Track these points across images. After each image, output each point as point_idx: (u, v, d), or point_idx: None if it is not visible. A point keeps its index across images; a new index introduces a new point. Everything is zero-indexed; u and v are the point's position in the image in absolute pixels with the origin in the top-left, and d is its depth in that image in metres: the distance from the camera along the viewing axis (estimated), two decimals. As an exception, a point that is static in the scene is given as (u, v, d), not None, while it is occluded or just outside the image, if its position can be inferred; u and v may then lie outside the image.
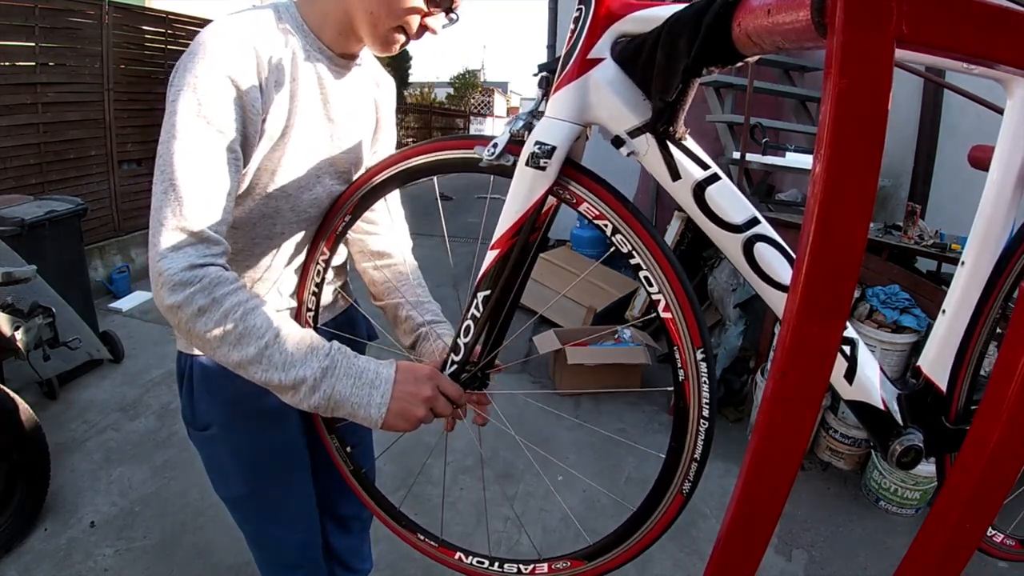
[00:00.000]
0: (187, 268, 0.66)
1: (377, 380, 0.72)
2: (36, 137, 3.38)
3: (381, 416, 0.71)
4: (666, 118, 0.59)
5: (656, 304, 0.67)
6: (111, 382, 2.79)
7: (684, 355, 0.66)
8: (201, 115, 0.70)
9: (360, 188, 0.88)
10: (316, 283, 0.94)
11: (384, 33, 0.79)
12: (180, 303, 0.66)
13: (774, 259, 0.61)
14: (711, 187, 0.61)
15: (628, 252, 0.67)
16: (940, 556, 0.49)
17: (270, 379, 0.69)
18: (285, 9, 0.81)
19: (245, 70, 0.73)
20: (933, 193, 3.04)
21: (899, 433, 0.64)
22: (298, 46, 0.80)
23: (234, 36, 0.73)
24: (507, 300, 0.78)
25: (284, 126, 0.80)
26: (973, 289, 0.67)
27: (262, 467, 0.97)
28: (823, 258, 0.38)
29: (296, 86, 0.80)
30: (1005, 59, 0.38)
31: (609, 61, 0.62)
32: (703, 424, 0.67)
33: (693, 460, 0.68)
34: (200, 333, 0.68)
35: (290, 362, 0.69)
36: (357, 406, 0.71)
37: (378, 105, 0.98)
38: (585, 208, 0.69)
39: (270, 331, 0.69)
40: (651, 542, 0.75)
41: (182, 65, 0.72)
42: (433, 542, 0.94)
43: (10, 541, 1.75)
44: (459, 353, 0.78)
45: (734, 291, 2.83)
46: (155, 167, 0.71)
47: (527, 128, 0.68)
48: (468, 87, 25.19)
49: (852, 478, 2.30)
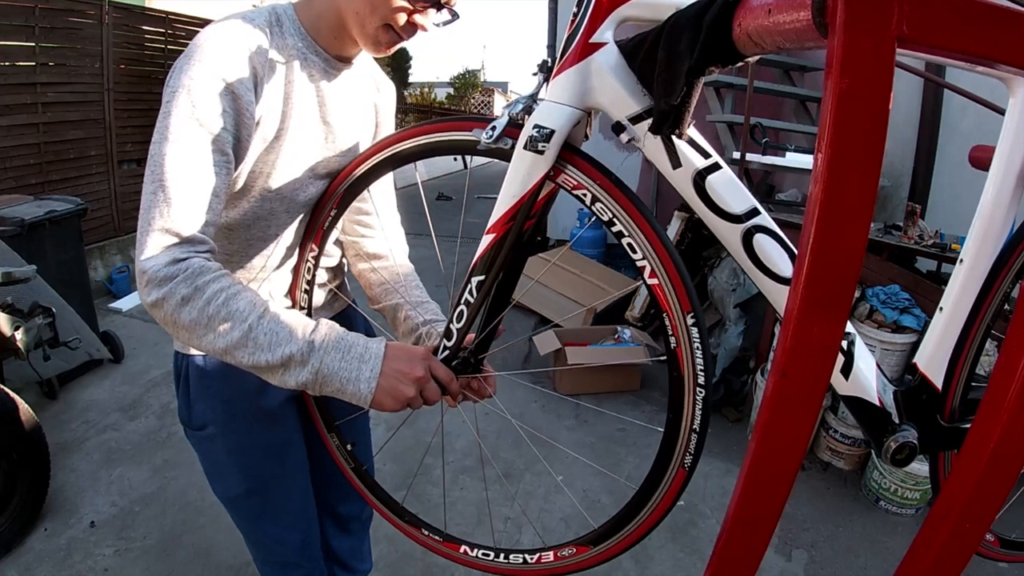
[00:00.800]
0: (169, 263, 0.67)
1: (367, 354, 0.71)
2: (36, 137, 3.38)
3: (371, 391, 0.70)
4: (672, 121, 0.58)
5: (642, 271, 0.65)
6: (111, 382, 2.79)
7: (674, 321, 0.64)
8: (194, 117, 0.70)
9: (345, 179, 0.87)
10: (307, 280, 0.94)
11: (373, 32, 0.79)
12: (163, 296, 0.66)
13: (774, 251, 0.60)
14: (711, 176, 0.61)
15: (609, 220, 0.66)
16: (940, 556, 0.49)
17: (257, 361, 0.68)
18: (283, 11, 0.81)
19: (240, 73, 0.73)
20: (933, 193, 3.04)
21: (894, 430, 0.64)
22: (294, 49, 0.81)
23: (230, 39, 0.74)
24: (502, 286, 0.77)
25: (278, 128, 0.80)
26: (971, 287, 0.67)
27: (259, 466, 0.97)
28: (824, 258, 0.38)
29: (291, 88, 0.81)
30: (1006, 59, 0.38)
31: (612, 46, 0.61)
32: (699, 393, 0.65)
33: (692, 431, 0.66)
34: (185, 323, 0.67)
35: (276, 341, 0.68)
36: (346, 380, 0.70)
37: (378, 108, 0.98)
38: (563, 179, 0.68)
39: (253, 313, 0.68)
40: (656, 522, 0.73)
41: (178, 67, 0.72)
42: (438, 537, 0.93)
43: (10, 541, 1.75)
44: (451, 339, 0.78)
45: (734, 291, 2.82)
46: (146, 166, 0.71)
47: (526, 111, 0.68)
48: (468, 87, 25.17)
49: (852, 478, 2.30)
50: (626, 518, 0.75)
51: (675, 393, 0.67)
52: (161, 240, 0.68)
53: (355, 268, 1.09)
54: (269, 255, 0.90)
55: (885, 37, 0.34)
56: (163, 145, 0.69)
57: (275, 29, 0.79)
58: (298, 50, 0.81)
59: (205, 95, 0.71)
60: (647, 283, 0.65)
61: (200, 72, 0.71)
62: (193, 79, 0.70)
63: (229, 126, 0.73)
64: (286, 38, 0.80)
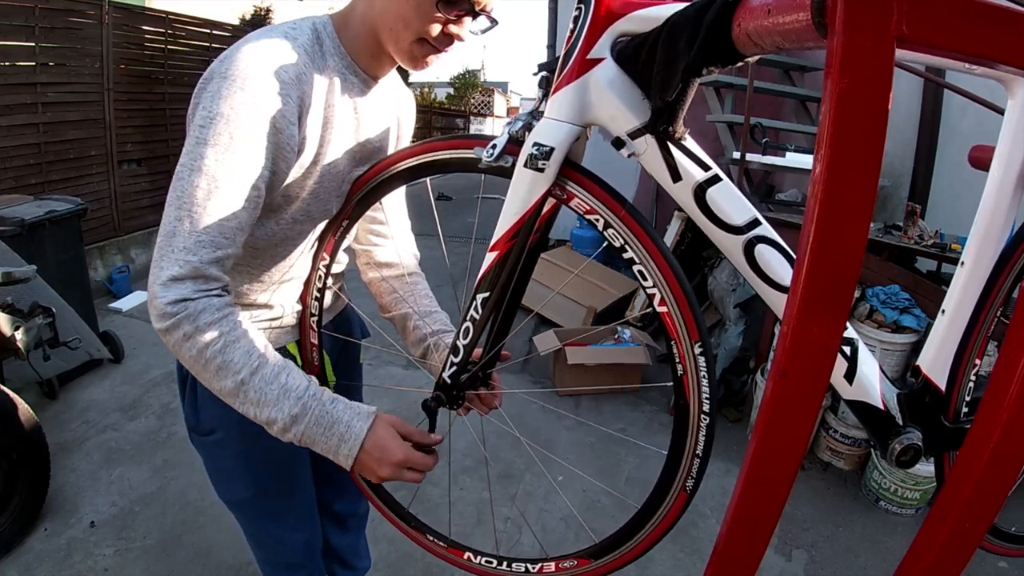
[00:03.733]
0: (176, 300, 0.68)
1: (348, 435, 0.73)
2: (36, 137, 3.38)
3: (349, 466, 0.74)
4: (665, 117, 0.58)
5: (652, 299, 0.66)
6: (111, 382, 2.79)
7: (682, 350, 0.65)
8: (232, 149, 0.68)
9: (358, 192, 0.88)
10: (319, 288, 0.95)
11: (408, 48, 0.76)
12: (167, 328, 0.69)
13: (775, 260, 0.61)
14: (712, 188, 0.61)
15: (621, 247, 0.67)
16: (940, 556, 0.49)
17: (246, 412, 0.72)
18: (323, 28, 0.78)
19: (285, 105, 0.71)
20: (933, 193, 3.04)
21: (898, 432, 0.64)
22: (335, 71, 0.79)
23: (276, 65, 0.70)
24: (506, 302, 0.77)
25: (316, 153, 0.79)
26: (973, 289, 0.67)
27: (266, 469, 0.97)
28: (823, 258, 0.38)
29: (331, 112, 0.79)
30: (1006, 59, 0.37)
31: (609, 61, 0.62)
32: (704, 420, 0.66)
33: (695, 456, 0.68)
34: (186, 358, 0.71)
35: (264, 401, 0.71)
36: (326, 451, 0.74)
37: (400, 121, 0.97)
38: (576, 203, 0.69)
39: (246, 368, 0.70)
40: (655, 541, 0.74)
41: (216, 88, 0.68)
42: (442, 543, 0.94)
43: (10, 541, 1.75)
44: (458, 355, 0.78)
45: (734, 291, 2.83)
46: (172, 187, 0.69)
47: (526, 129, 0.68)
48: (468, 87, 25.19)
49: (852, 478, 2.30)
50: (627, 535, 0.77)
51: (680, 420, 0.68)
52: (177, 272, 0.68)
53: (366, 276, 1.09)
54: (288, 268, 0.91)
55: (884, 37, 0.34)
56: (196, 176, 0.68)
57: (316, 50, 0.76)
58: (339, 72, 0.79)
59: (246, 129, 0.68)
60: (657, 311, 0.66)
61: (242, 102, 0.68)
62: (234, 109, 0.67)
63: (267, 162, 0.72)
64: (327, 59, 0.78)
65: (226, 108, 0.67)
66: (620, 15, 0.61)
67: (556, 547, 1.89)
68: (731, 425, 2.65)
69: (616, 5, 0.61)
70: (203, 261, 0.69)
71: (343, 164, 0.85)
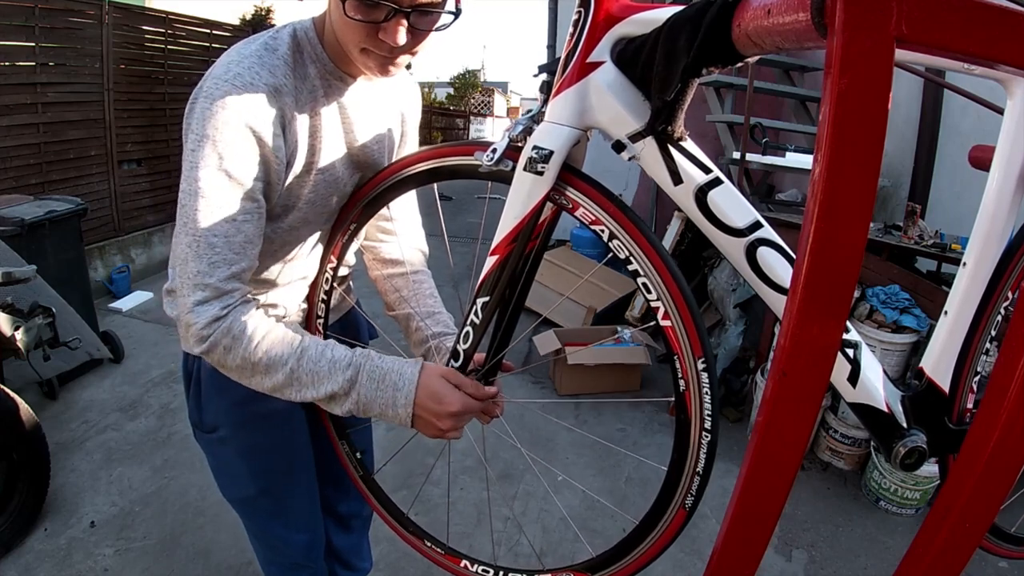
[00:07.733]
0: (211, 321, 0.71)
1: (400, 381, 0.74)
2: (36, 137, 3.38)
3: (408, 416, 0.74)
4: (664, 117, 0.58)
5: (655, 311, 0.66)
6: (111, 382, 2.79)
7: (685, 364, 0.65)
8: (222, 168, 0.70)
9: (363, 198, 0.88)
10: (325, 290, 0.95)
11: (358, 58, 0.74)
12: (208, 348, 0.72)
13: (777, 263, 0.60)
14: (713, 191, 0.61)
15: (626, 258, 0.67)
16: (940, 556, 0.49)
17: (305, 396, 0.74)
18: (303, 35, 0.78)
19: (266, 118, 0.72)
20: (933, 193, 3.04)
21: (902, 435, 0.64)
22: (318, 78, 0.79)
23: (253, 80, 0.71)
24: (508, 306, 0.77)
25: (307, 162, 0.80)
26: (975, 290, 0.67)
27: (271, 468, 0.97)
28: (823, 258, 0.38)
29: (318, 120, 0.79)
30: (1005, 59, 0.37)
31: (609, 64, 0.62)
32: (705, 437, 0.65)
33: (696, 474, 0.67)
34: (232, 368, 0.74)
35: (318, 379, 0.73)
36: (384, 408, 0.74)
37: (404, 117, 0.97)
38: (581, 213, 0.68)
39: (292, 357, 0.73)
40: (653, 557, 0.74)
41: (200, 110, 0.70)
42: (440, 549, 0.94)
43: (10, 541, 1.75)
44: (459, 360, 0.78)
45: (734, 291, 2.83)
46: (178, 214, 0.73)
47: (526, 133, 0.68)
48: (468, 87, 25.18)
49: (852, 478, 2.30)
50: (625, 549, 0.76)
51: (681, 436, 0.67)
52: (202, 296, 0.71)
53: (372, 273, 1.09)
54: (291, 271, 0.91)
55: (884, 37, 0.34)
56: (195, 200, 0.70)
57: (297, 59, 0.76)
58: (322, 78, 0.79)
59: (232, 146, 0.70)
60: (660, 324, 0.66)
61: (224, 121, 0.69)
62: (218, 129, 0.69)
63: (259, 174, 0.73)
64: (307, 67, 0.77)
65: (210, 129, 0.70)
66: (620, 18, 0.61)
67: (555, 547, 1.89)
68: (731, 425, 2.65)
69: (616, 8, 0.61)
70: (220, 279, 0.72)
71: (340, 169, 0.85)
